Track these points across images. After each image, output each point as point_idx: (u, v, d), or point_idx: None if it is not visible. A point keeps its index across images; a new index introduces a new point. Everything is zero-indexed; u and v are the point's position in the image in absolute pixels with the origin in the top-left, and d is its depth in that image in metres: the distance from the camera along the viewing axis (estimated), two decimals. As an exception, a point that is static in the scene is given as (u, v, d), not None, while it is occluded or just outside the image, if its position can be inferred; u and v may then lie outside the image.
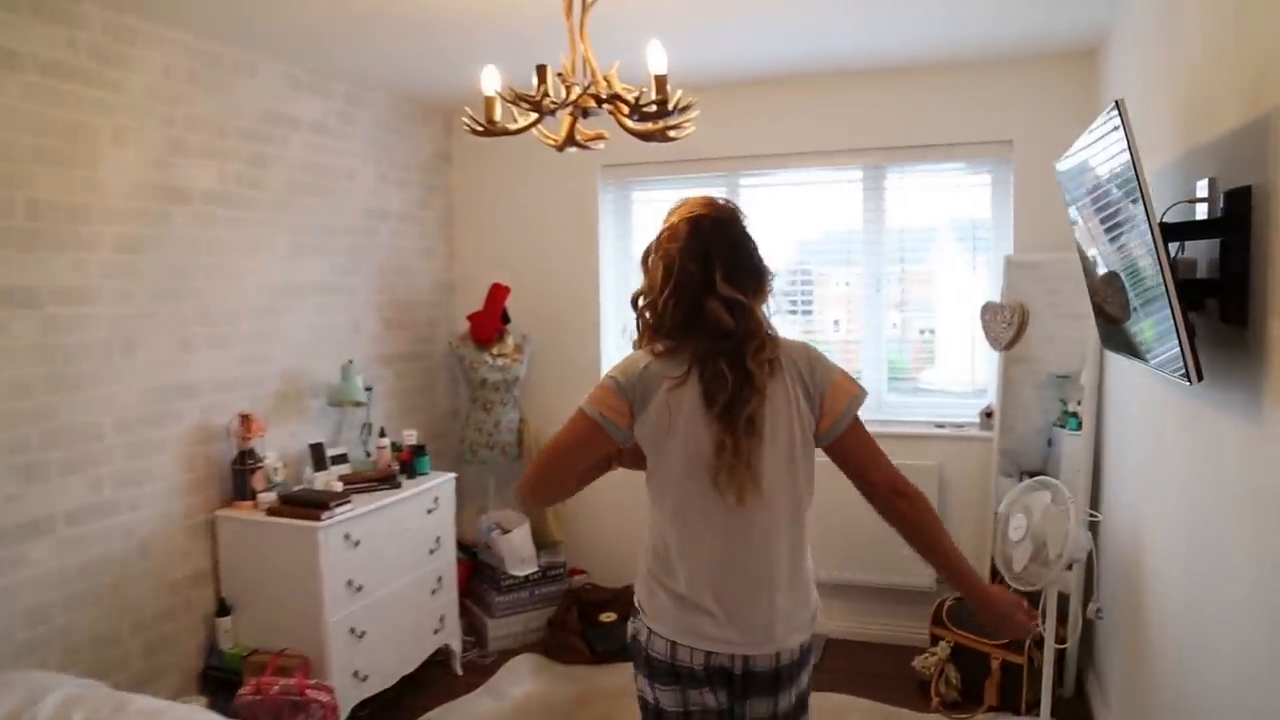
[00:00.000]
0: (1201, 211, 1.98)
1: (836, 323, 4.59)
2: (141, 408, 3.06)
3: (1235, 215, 1.76)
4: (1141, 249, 1.94)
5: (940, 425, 4.22)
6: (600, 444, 1.76)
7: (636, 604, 1.88)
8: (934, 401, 4.35)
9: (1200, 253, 2.00)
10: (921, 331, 4.41)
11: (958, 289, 4.28)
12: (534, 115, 2.21)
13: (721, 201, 1.79)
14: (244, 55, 3.44)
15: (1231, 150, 1.87)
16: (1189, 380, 1.74)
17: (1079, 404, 3.79)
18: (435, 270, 4.73)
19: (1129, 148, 1.77)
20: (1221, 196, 1.80)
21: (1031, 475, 3.96)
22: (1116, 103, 1.78)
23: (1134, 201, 1.91)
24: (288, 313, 3.70)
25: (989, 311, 3.93)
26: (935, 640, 3.79)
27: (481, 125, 2.25)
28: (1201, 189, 1.98)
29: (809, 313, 4.55)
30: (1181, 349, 1.73)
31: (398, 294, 4.42)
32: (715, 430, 1.70)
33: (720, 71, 4.02)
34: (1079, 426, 3.79)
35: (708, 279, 1.70)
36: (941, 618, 3.80)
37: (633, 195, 4.74)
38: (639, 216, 4.75)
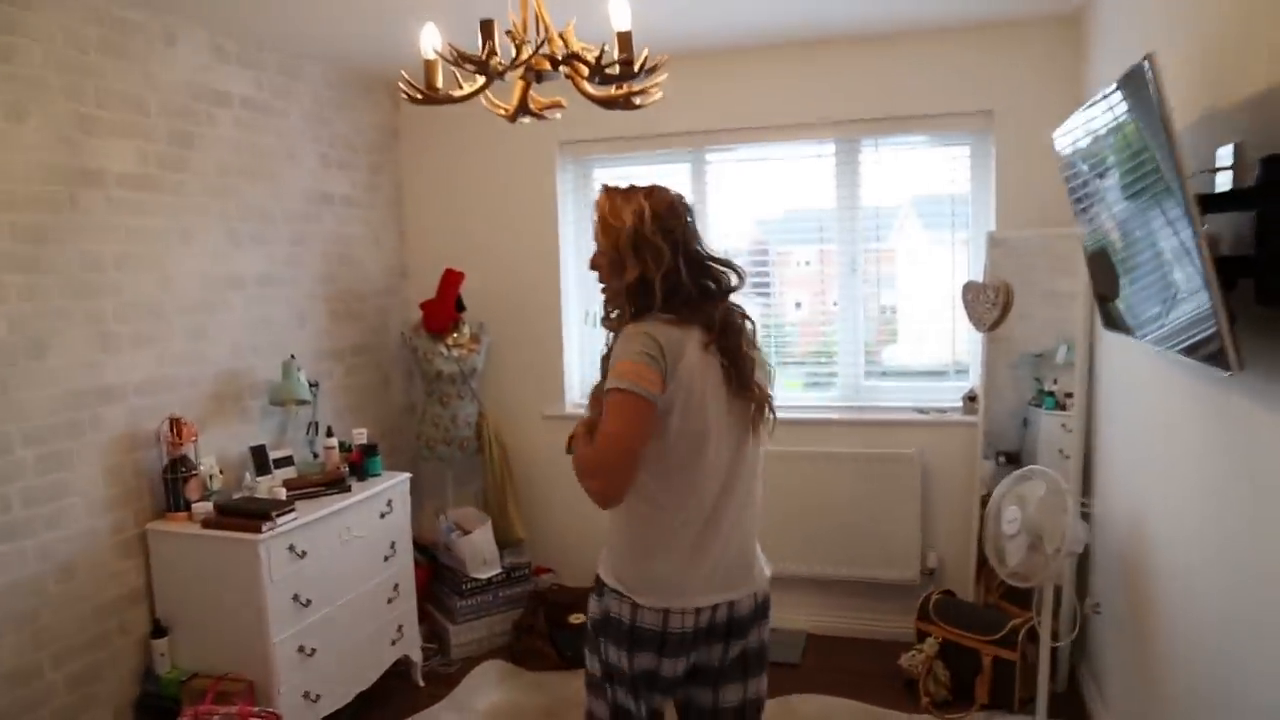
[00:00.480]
0: (1224, 181, 1.79)
1: (798, 304, 4.40)
2: (55, 415, 2.76)
3: (1274, 185, 1.56)
4: (1160, 223, 1.74)
5: (922, 410, 4.03)
6: (655, 422, 1.77)
7: (613, 583, 1.90)
8: (912, 386, 4.16)
9: (1221, 226, 1.80)
10: (883, 309, 4.22)
11: (933, 267, 4.10)
12: (480, 80, 1.95)
13: None
14: (159, 21, 3.11)
15: (1262, 113, 1.67)
16: (1227, 369, 1.55)
17: (1055, 383, 3.65)
18: (385, 257, 4.44)
19: (1160, 110, 1.56)
20: (1259, 165, 1.60)
21: (1008, 456, 3.81)
22: (1147, 57, 1.57)
23: (1151, 173, 1.71)
24: (223, 306, 3.41)
25: (971, 291, 3.74)
26: (922, 636, 3.62)
27: (421, 92, 1.99)
28: (1224, 157, 1.78)
29: (766, 294, 4.35)
30: (1221, 335, 1.53)
31: (345, 283, 4.13)
32: (731, 386, 1.84)
33: (684, 40, 3.76)
34: (1055, 405, 3.64)
35: (706, 252, 1.91)
36: (928, 612, 3.63)
37: (593, 174, 4.48)
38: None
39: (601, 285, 1.94)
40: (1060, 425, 3.61)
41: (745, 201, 4.28)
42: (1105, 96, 1.88)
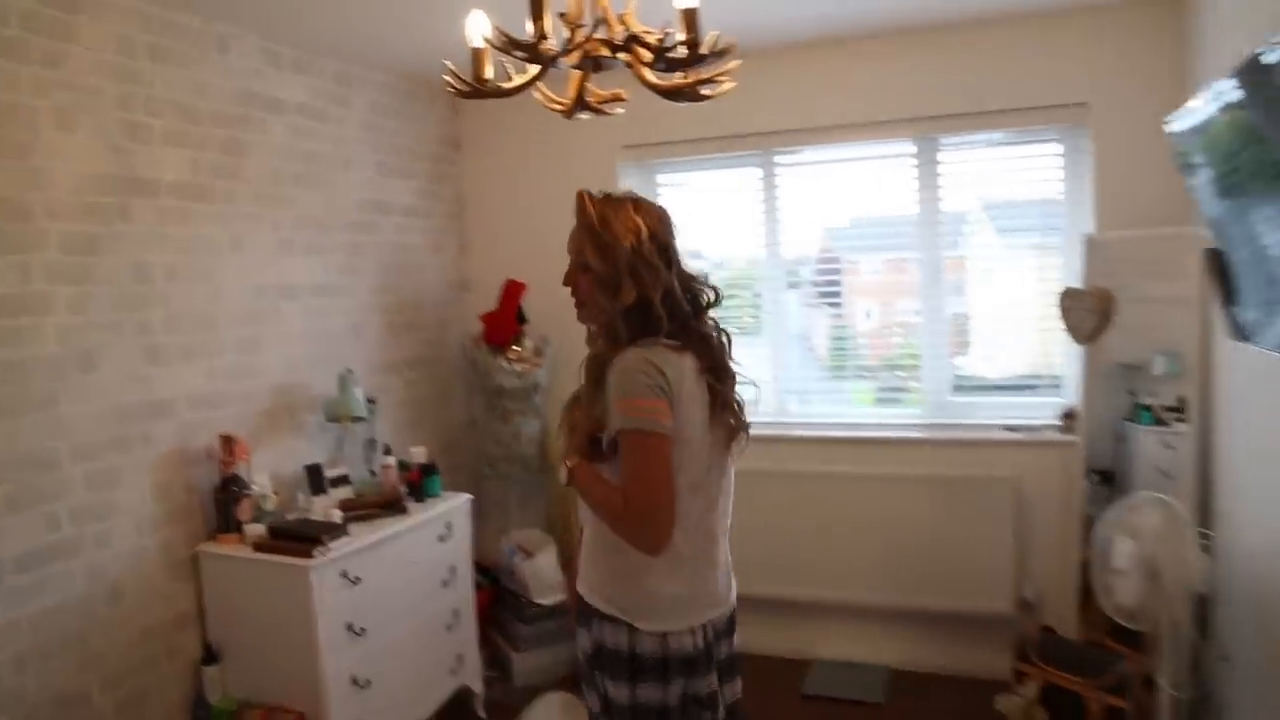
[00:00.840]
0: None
1: (868, 313, 4.17)
2: (103, 431, 2.67)
3: None
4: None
5: (1013, 429, 3.72)
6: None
7: (605, 608, 1.80)
8: (998, 402, 3.86)
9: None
10: (954, 317, 3.96)
11: (1011, 273, 3.83)
12: (532, 70, 1.77)
13: None
14: (212, 27, 3.03)
15: None
16: None
17: (1152, 396, 3.34)
18: (445, 267, 4.32)
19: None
20: None
21: (1102, 475, 3.49)
22: None
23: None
24: (277, 318, 3.31)
25: (1069, 298, 3.43)
26: (1020, 677, 3.32)
27: (468, 84, 1.82)
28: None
29: (837, 304, 4.14)
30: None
31: (404, 294, 4.01)
32: (715, 404, 1.79)
33: (754, 35, 3.54)
34: (1154, 421, 3.33)
35: (687, 270, 1.85)
36: (1027, 651, 3.33)
37: (657, 179, 4.30)
38: (665, 203, 4.28)
39: (579, 303, 1.86)
40: (1161, 442, 3.29)
41: (817, 206, 4.05)
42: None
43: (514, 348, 4.15)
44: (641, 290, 1.72)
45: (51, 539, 2.53)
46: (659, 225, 1.78)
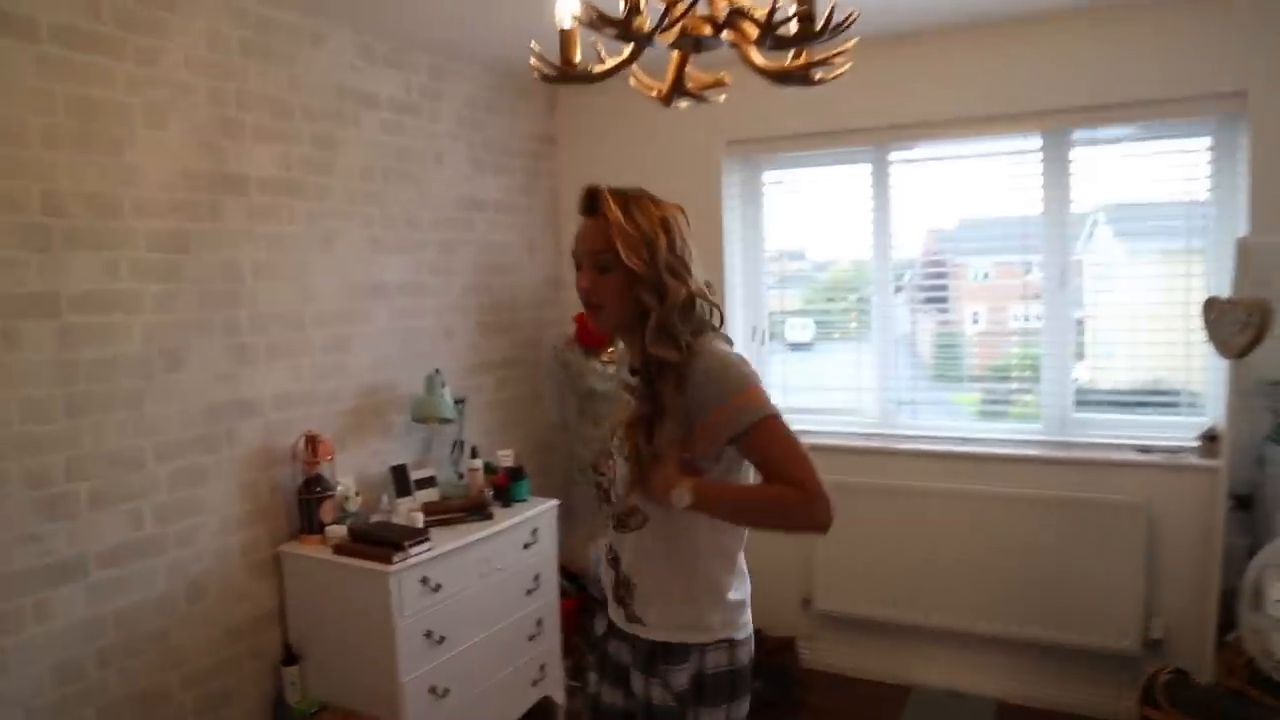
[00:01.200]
0: None
1: (975, 318, 3.88)
2: (188, 430, 2.65)
3: None
4: None
5: (1146, 449, 3.39)
6: None
7: (699, 636, 1.71)
8: (1129, 420, 3.53)
9: None
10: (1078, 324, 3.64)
11: (1154, 279, 3.50)
12: (626, 51, 1.62)
13: None
14: (306, 22, 2.99)
15: None
16: None
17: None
18: (540, 266, 4.22)
19: None
20: None
21: (1239, 500, 3.12)
22: None
23: None
24: (365, 317, 3.25)
25: (1215, 309, 3.09)
26: (1147, 724, 3.01)
27: (555, 68, 1.68)
28: None
29: (944, 309, 3.90)
30: None
31: (496, 294, 3.93)
32: None
33: (869, 23, 3.30)
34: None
35: None
36: (1155, 695, 3.01)
37: (763, 177, 4.10)
38: (770, 202, 4.10)
39: (596, 307, 1.68)
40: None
41: (928, 206, 3.78)
42: None
43: (608, 350, 4.03)
44: (687, 286, 1.63)
45: (135, 536, 2.51)
46: (682, 221, 1.69)
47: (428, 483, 3.34)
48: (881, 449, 3.77)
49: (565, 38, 1.66)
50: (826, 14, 1.44)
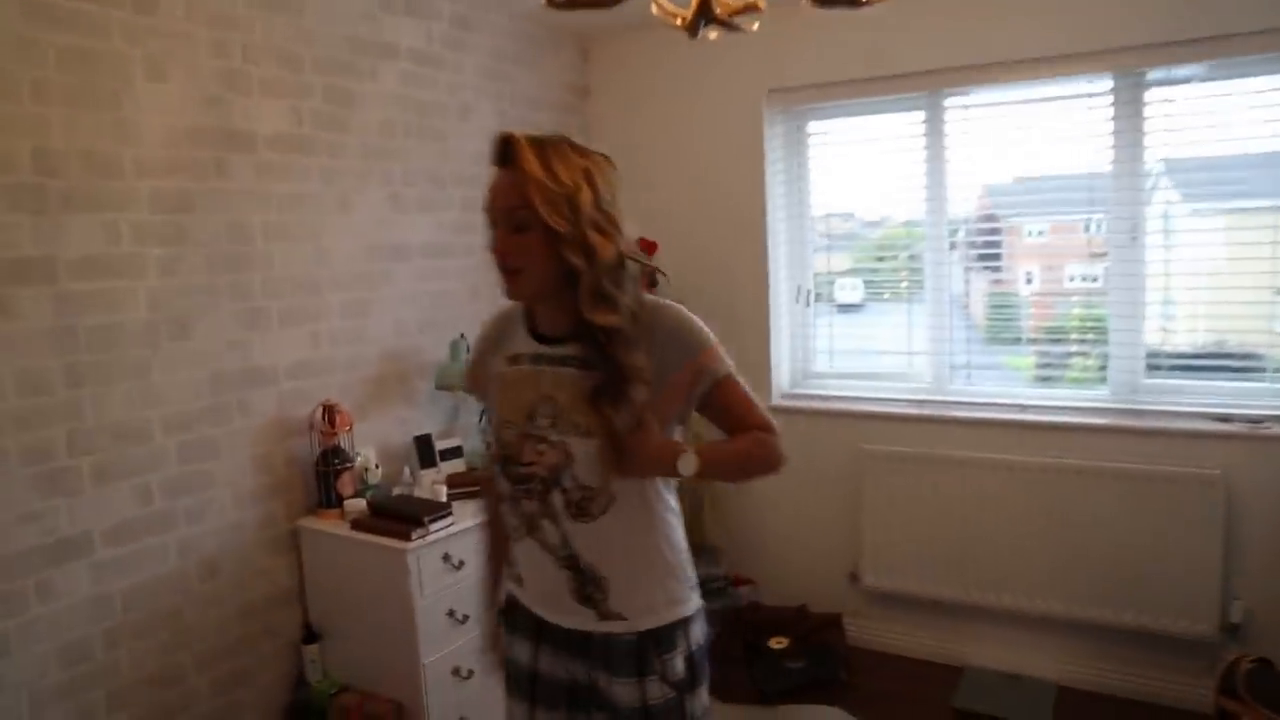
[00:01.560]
0: None
1: (1029, 278, 3.64)
2: (198, 400, 2.53)
3: None
4: None
5: (1226, 418, 3.11)
6: None
7: (686, 610, 1.62)
8: (1206, 385, 3.24)
9: None
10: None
11: (1235, 235, 3.19)
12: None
13: None
14: (316, -34, 2.82)
15: None
16: None
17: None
18: (571, 226, 4.03)
19: None
20: None
21: None
22: None
23: None
24: (385, 280, 3.10)
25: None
26: (1226, 716, 2.77)
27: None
28: None
29: (996, 268, 3.63)
30: None
31: (526, 255, 3.75)
32: None
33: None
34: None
35: None
36: (1235, 686, 2.78)
37: (808, 128, 3.84)
38: (816, 155, 3.84)
39: (514, 271, 1.48)
40: None
41: (984, 159, 3.50)
42: None
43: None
44: (615, 245, 1.47)
45: (143, 512, 2.42)
46: (609, 171, 1.52)
47: (454, 453, 3.21)
48: (936, 416, 3.53)
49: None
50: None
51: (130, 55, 2.34)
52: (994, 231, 3.64)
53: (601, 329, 1.45)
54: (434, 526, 2.65)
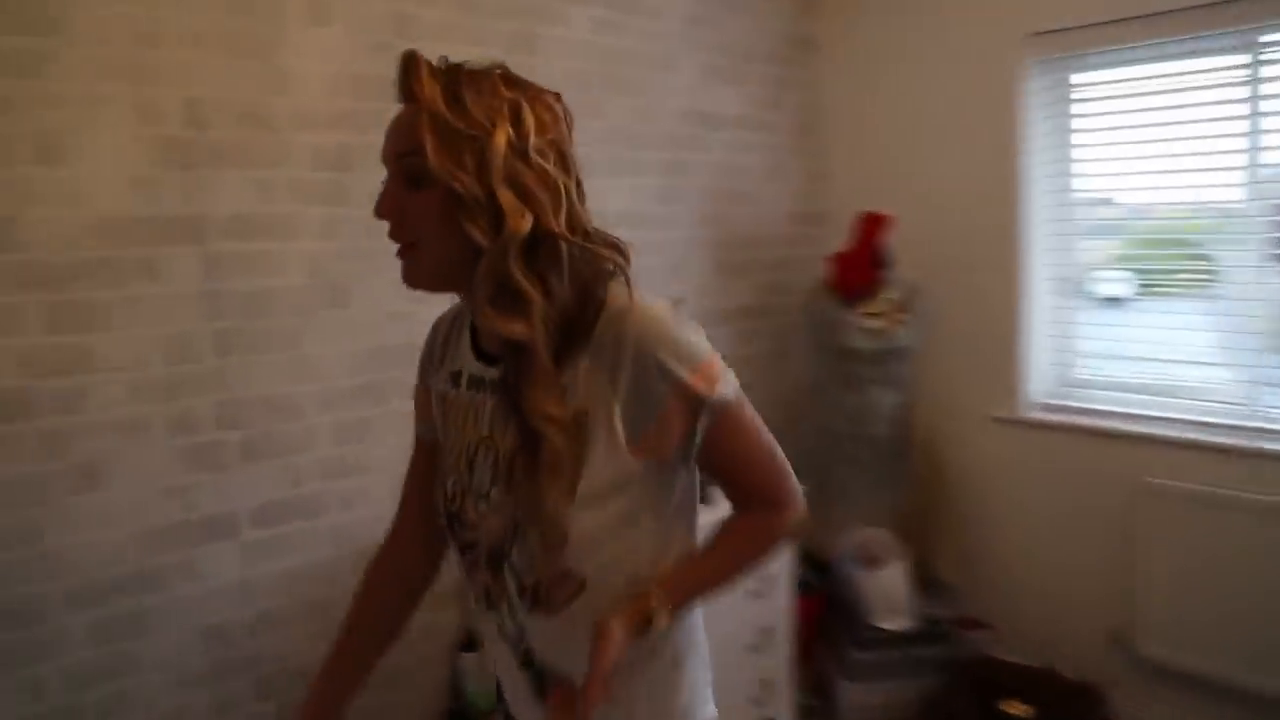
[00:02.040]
0: None
1: None
2: (355, 376, 2.35)
3: None
4: None
5: None
6: None
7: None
8: None
9: None
10: None
11: None
12: None
13: None
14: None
15: None
16: None
17: None
18: (789, 196, 3.55)
19: None
20: None
21: None
22: None
23: None
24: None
25: None
26: None
27: None
28: None
29: None
30: None
31: (736, 227, 3.34)
32: None
33: None
34: None
35: None
36: None
37: (1072, 80, 3.13)
38: (1082, 113, 3.13)
39: (408, 245, 1.10)
40: None
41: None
42: None
43: (871, 299, 3.31)
44: (537, 212, 1.01)
45: (292, 494, 2.27)
46: (549, 114, 1.06)
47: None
48: (1247, 449, 2.72)
49: None
50: None
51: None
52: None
53: (506, 344, 1.03)
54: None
